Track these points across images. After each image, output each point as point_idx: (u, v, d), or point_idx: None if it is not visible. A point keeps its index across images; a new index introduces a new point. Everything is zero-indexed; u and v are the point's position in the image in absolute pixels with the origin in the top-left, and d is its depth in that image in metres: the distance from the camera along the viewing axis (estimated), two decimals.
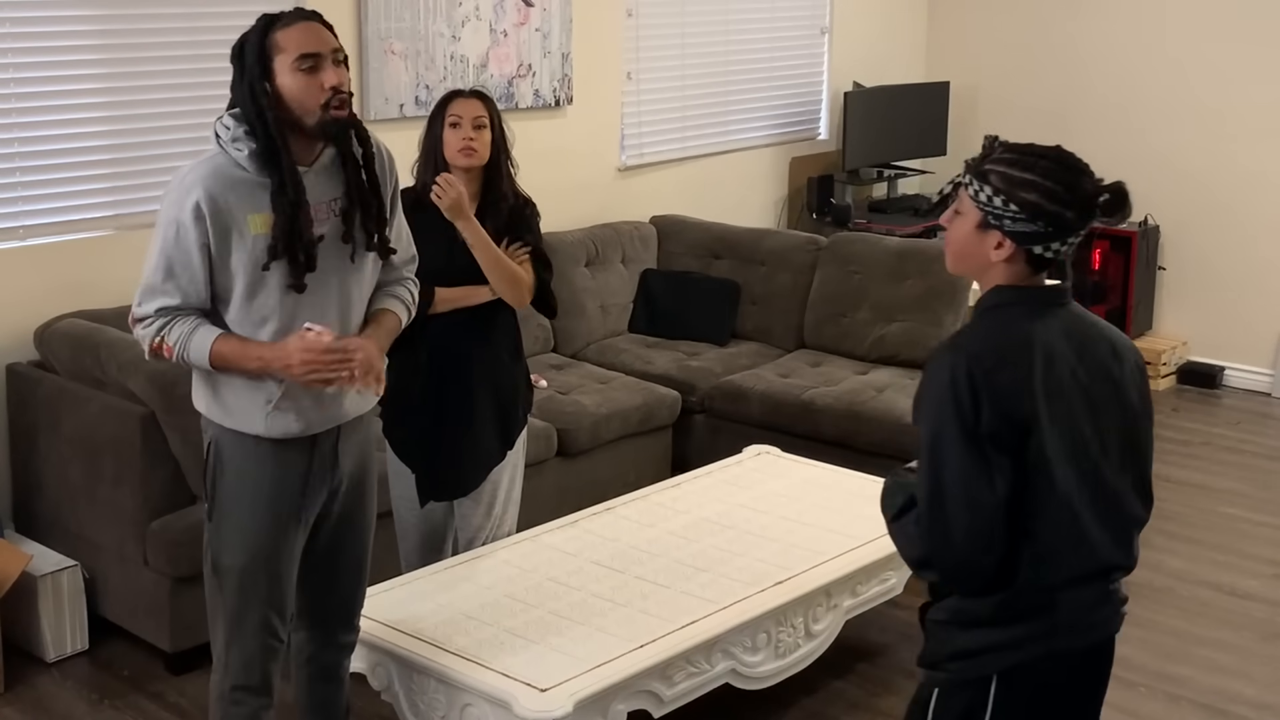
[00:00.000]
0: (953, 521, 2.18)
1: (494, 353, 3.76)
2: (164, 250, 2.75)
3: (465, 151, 3.63)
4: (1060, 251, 2.27)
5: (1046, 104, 7.29)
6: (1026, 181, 2.24)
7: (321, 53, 2.76)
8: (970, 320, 2.35)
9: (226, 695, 2.97)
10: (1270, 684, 4.08)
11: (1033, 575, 2.23)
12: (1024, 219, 2.24)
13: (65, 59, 4.37)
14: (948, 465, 2.18)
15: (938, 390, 2.20)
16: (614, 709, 3.14)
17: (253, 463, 2.88)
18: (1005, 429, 2.17)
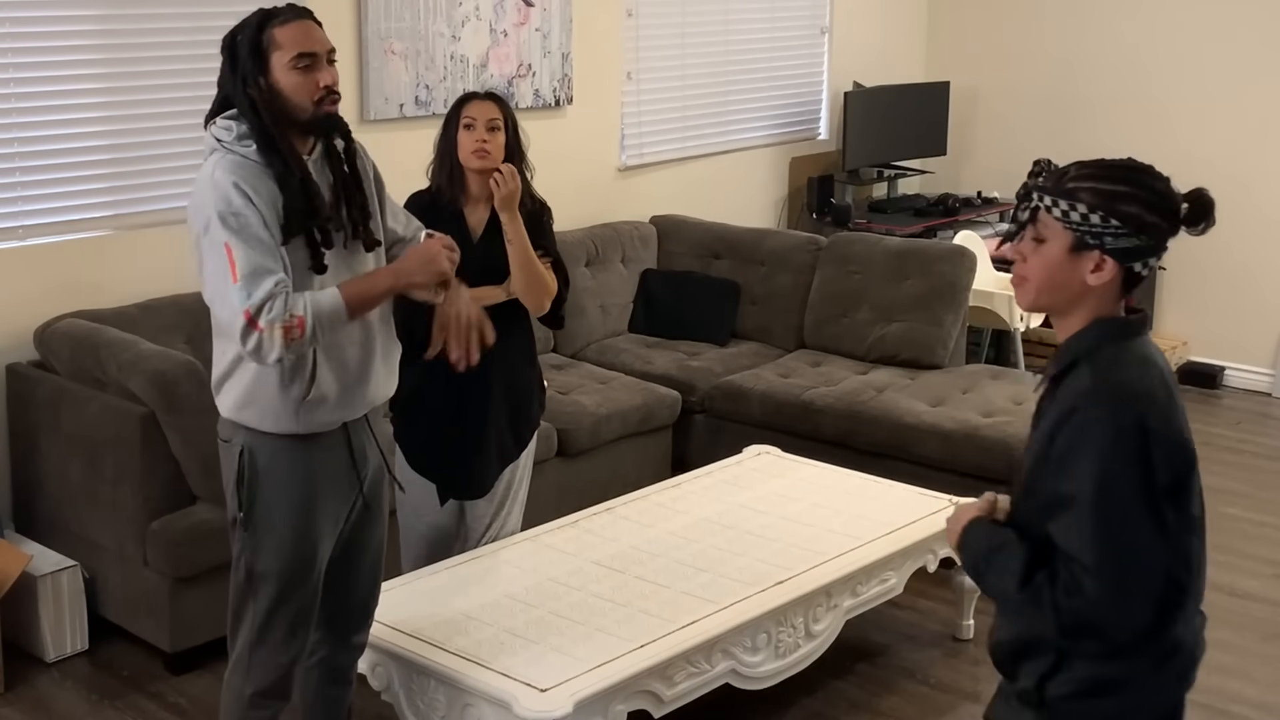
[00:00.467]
0: (1136, 591, 2.01)
1: (510, 354, 3.76)
2: (238, 238, 2.68)
3: (479, 153, 3.63)
4: (1152, 266, 2.10)
5: (1046, 104, 7.29)
6: (1123, 194, 2.08)
7: (318, 52, 2.79)
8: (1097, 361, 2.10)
9: (246, 700, 2.96)
10: (1270, 684, 4.08)
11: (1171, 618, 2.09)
12: (1126, 233, 2.07)
13: (65, 59, 4.37)
14: (1129, 532, 2.00)
15: (1102, 450, 2.00)
16: (614, 709, 3.14)
17: (289, 465, 2.87)
18: (1174, 482, 2.04)
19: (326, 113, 2.79)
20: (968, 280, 5.55)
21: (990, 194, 7.28)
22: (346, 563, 3.06)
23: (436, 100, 5.30)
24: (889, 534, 3.94)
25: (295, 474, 2.88)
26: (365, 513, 3.05)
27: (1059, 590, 2.02)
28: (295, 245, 2.76)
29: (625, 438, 5.06)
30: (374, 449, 3.04)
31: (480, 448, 3.75)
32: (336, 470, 2.93)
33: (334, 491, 2.94)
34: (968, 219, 7.00)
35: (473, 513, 3.87)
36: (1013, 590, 2.08)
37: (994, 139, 7.52)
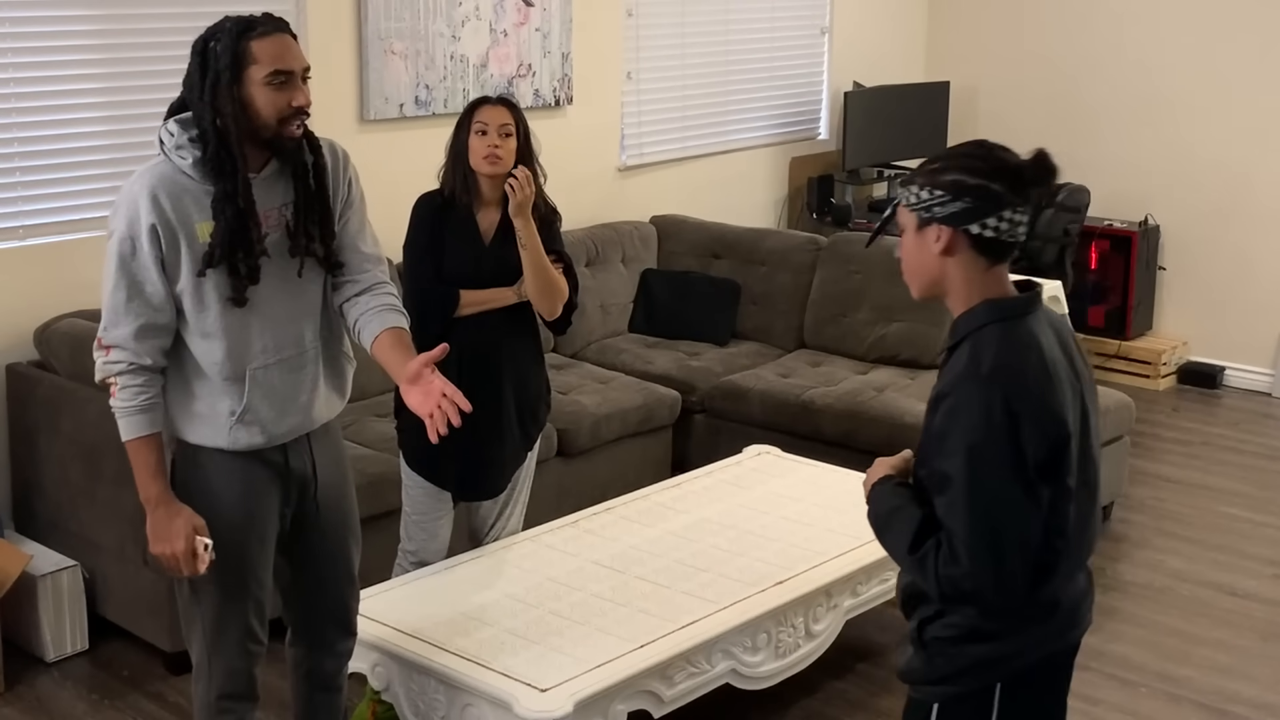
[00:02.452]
0: (1008, 563, 2.14)
1: (520, 355, 3.77)
2: (122, 268, 2.69)
3: (490, 159, 3.63)
4: (1001, 230, 2.20)
5: (1046, 104, 7.29)
6: (944, 166, 2.25)
7: (294, 70, 2.71)
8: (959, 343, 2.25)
9: (213, 705, 2.94)
10: (1270, 684, 4.08)
11: (1046, 581, 2.23)
12: (948, 198, 2.21)
13: (65, 59, 4.37)
14: (997, 504, 2.13)
15: (973, 425, 2.14)
16: (614, 709, 3.14)
17: (215, 475, 2.83)
18: (1046, 455, 2.15)
19: (289, 135, 2.71)
20: None
21: None
22: (311, 576, 3.02)
23: (436, 100, 5.30)
24: None
25: (222, 484, 2.83)
26: (323, 528, 2.98)
27: (941, 560, 2.18)
28: (219, 271, 2.70)
29: (625, 438, 5.06)
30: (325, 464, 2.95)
31: (494, 449, 3.75)
32: (268, 481, 2.87)
33: (266, 501, 2.88)
34: None
35: (477, 514, 3.88)
36: (904, 553, 2.25)
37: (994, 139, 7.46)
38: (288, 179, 2.80)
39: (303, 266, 2.81)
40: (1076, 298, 6.66)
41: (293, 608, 3.07)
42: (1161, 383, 6.86)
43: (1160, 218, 6.95)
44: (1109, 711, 3.92)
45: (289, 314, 2.82)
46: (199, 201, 2.70)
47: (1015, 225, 2.22)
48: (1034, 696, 2.31)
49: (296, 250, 2.79)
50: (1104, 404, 5.04)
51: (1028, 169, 2.22)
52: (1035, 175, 2.22)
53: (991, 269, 2.25)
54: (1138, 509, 5.37)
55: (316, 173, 2.82)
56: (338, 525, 3.03)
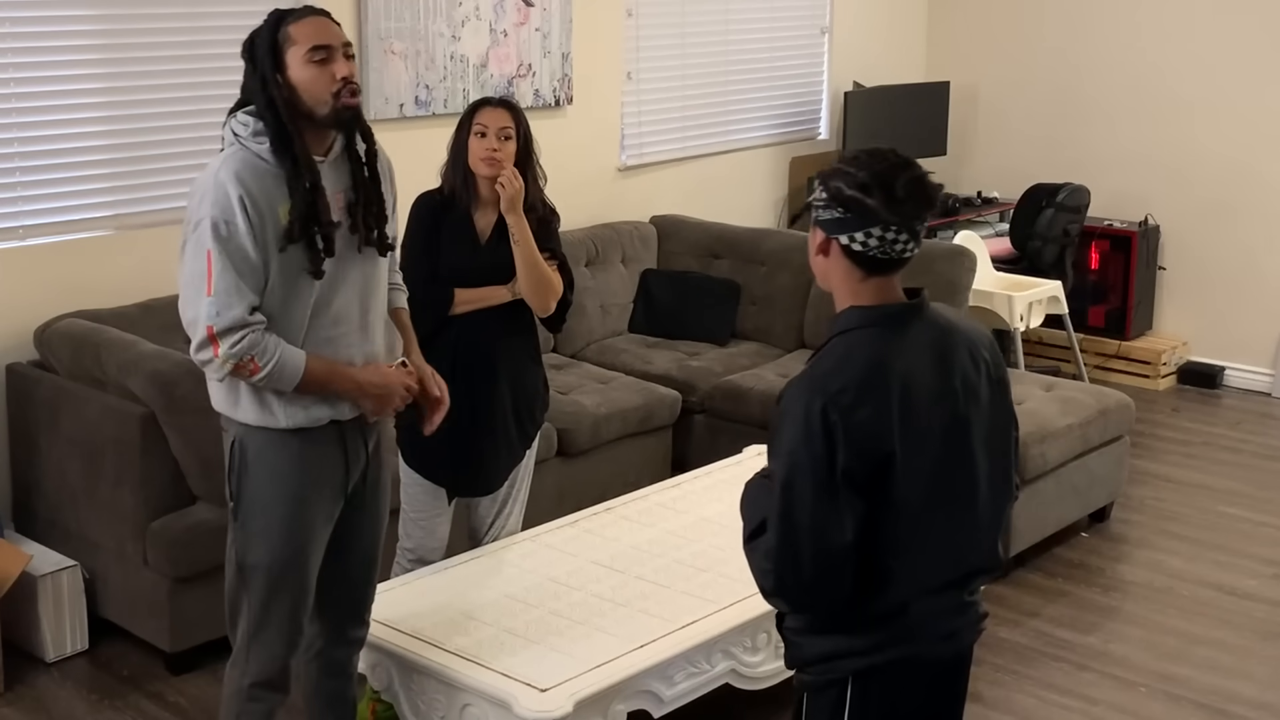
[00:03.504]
0: (804, 564, 2.15)
1: (516, 353, 3.79)
2: (222, 251, 2.72)
3: (489, 161, 3.65)
4: (870, 245, 2.18)
5: (1046, 104, 7.30)
6: (836, 170, 2.22)
7: (333, 45, 2.81)
8: (825, 344, 2.26)
9: (244, 691, 2.97)
10: (1270, 684, 4.08)
11: (881, 594, 2.22)
12: (826, 205, 2.21)
13: (65, 59, 4.37)
14: (800, 507, 2.14)
15: (793, 429, 2.15)
16: (614, 709, 3.14)
17: (279, 458, 2.88)
18: (861, 468, 2.14)
19: (346, 105, 2.80)
20: (967, 280, 5.55)
21: (990, 194, 7.28)
22: (338, 559, 3.06)
23: (436, 100, 5.30)
24: None
25: (284, 468, 2.88)
26: (359, 510, 3.05)
27: (760, 554, 2.21)
28: (296, 248, 2.78)
29: (625, 438, 5.06)
30: (373, 446, 3.05)
31: (489, 446, 3.76)
32: (327, 467, 2.94)
33: (325, 487, 2.94)
34: (967, 219, 7.01)
35: (475, 512, 3.88)
36: (743, 540, 2.28)
37: (994, 139, 7.52)
38: (346, 166, 2.90)
39: (362, 245, 2.92)
40: (1076, 298, 6.66)
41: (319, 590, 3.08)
42: (1161, 383, 6.86)
43: (1160, 218, 6.95)
44: (1109, 711, 3.92)
45: (359, 290, 2.93)
46: (279, 185, 2.78)
47: (888, 243, 2.18)
48: (893, 701, 2.29)
49: (356, 229, 2.89)
50: (1104, 404, 5.04)
51: (901, 188, 2.17)
52: (907, 195, 2.17)
53: (869, 279, 2.23)
54: (1138, 509, 5.37)
55: (370, 159, 2.93)
56: (375, 515, 3.11)
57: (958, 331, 2.32)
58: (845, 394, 2.14)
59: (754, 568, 2.25)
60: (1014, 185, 6.93)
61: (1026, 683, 4.05)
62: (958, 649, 2.36)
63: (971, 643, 2.38)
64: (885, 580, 2.21)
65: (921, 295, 2.30)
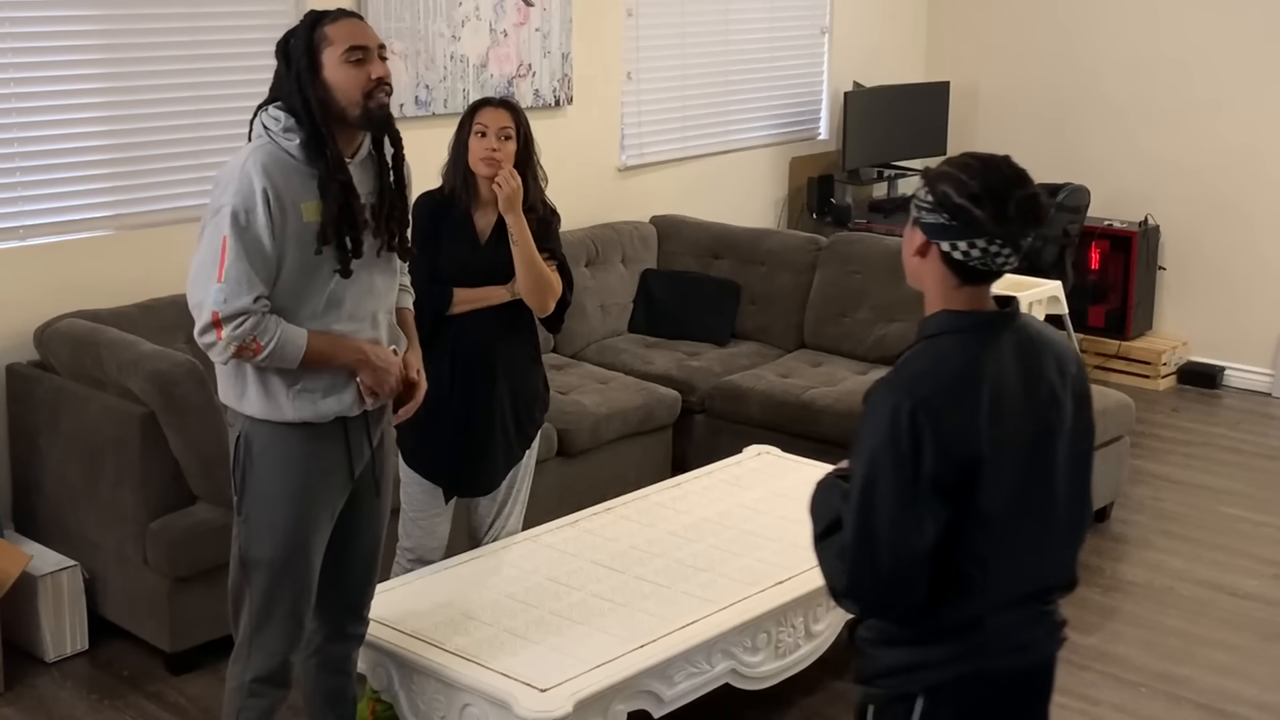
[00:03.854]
0: (880, 565, 2.12)
1: (516, 353, 3.79)
2: (238, 240, 2.74)
3: (488, 161, 3.66)
4: (972, 256, 2.14)
5: (1046, 104, 7.30)
6: (947, 174, 2.18)
7: (369, 46, 2.86)
8: (913, 347, 2.22)
9: (245, 686, 2.98)
10: (1270, 684, 4.08)
11: (960, 603, 2.19)
12: (932, 209, 2.17)
13: (65, 59, 4.37)
14: (880, 509, 2.10)
15: (878, 430, 2.12)
16: (614, 709, 3.14)
17: (284, 453, 2.89)
18: (947, 473, 2.10)
19: (379, 105, 2.84)
20: None
21: None
22: (339, 555, 3.07)
23: (436, 100, 5.30)
24: None
25: (288, 464, 2.89)
26: (361, 506, 3.06)
27: (833, 554, 2.18)
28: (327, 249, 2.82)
29: (625, 438, 5.06)
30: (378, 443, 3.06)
31: (487, 446, 3.76)
32: (331, 462, 2.95)
33: (329, 483, 2.95)
34: None
35: (475, 512, 3.88)
36: (814, 539, 2.25)
37: (994, 139, 7.51)
38: (373, 169, 2.93)
39: (382, 249, 2.95)
40: (1076, 298, 6.65)
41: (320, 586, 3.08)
42: (1161, 383, 6.86)
43: (1160, 218, 6.95)
44: (1109, 711, 3.92)
45: (374, 292, 2.95)
46: (304, 182, 2.80)
47: (990, 255, 2.15)
48: (961, 714, 2.24)
49: (379, 233, 2.92)
50: (1103, 404, 5.04)
51: (1013, 206, 2.13)
52: (1018, 213, 2.14)
53: (963, 287, 2.19)
54: (1138, 509, 5.37)
55: (397, 164, 2.97)
56: (378, 509, 3.12)
57: (1046, 343, 2.28)
58: (936, 397, 2.11)
59: (825, 567, 2.22)
60: None
61: None
62: (1035, 660, 2.30)
63: (1053, 652, 2.33)
64: (966, 589, 2.17)
65: (1014, 304, 2.26)
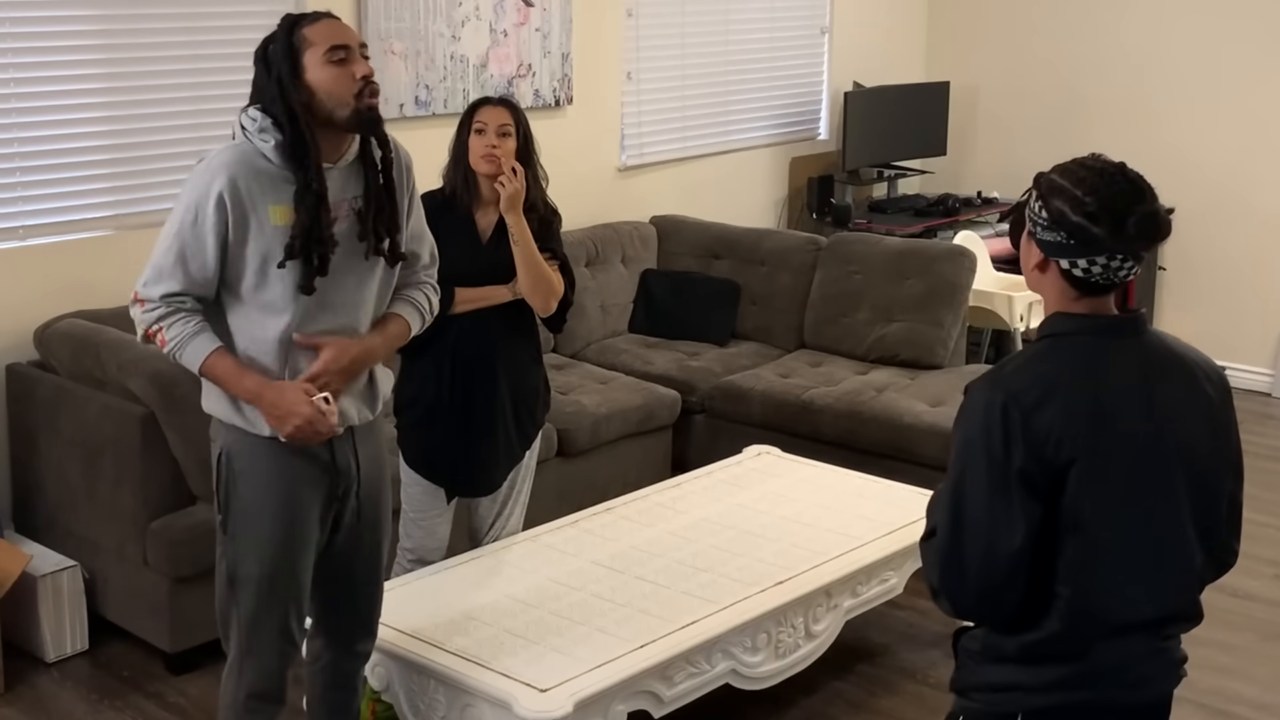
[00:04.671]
0: (969, 562, 2.09)
1: (517, 354, 3.79)
2: (179, 234, 2.73)
3: (487, 159, 3.66)
4: (1093, 272, 2.10)
5: (1046, 104, 7.29)
6: (1062, 188, 2.12)
7: (351, 45, 2.80)
8: (1024, 348, 2.19)
9: (241, 704, 2.95)
10: (1270, 684, 4.08)
11: (1066, 623, 2.12)
12: (1048, 226, 2.13)
13: (65, 59, 4.37)
14: (970, 504, 2.08)
15: (970, 424, 2.10)
16: (614, 709, 3.14)
17: (267, 467, 2.85)
18: (1039, 471, 2.06)
19: (368, 106, 2.78)
20: (968, 280, 5.56)
21: (990, 194, 7.28)
22: (341, 572, 3.03)
23: (436, 100, 5.30)
24: (889, 534, 3.94)
25: (272, 478, 2.85)
26: (357, 523, 3.00)
27: (932, 550, 2.16)
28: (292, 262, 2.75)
29: (625, 438, 5.06)
30: (367, 460, 2.99)
31: (488, 447, 3.76)
32: (316, 478, 2.89)
33: (314, 499, 2.90)
34: (968, 219, 7.00)
35: (476, 512, 3.89)
36: (920, 538, 2.23)
37: (994, 139, 7.52)
38: (359, 173, 2.86)
39: (368, 254, 2.87)
40: None
41: (317, 601, 3.07)
42: None
43: None
44: None
45: (348, 301, 2.87)
46: (275, 186, 2.74)
47: (1113, 270, 2.11)
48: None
49: (365, 237, 2.85)
50: None
51: (1132, 224, 2.07)
52: (1138, 232, 2.08)
53: (1083, 299, 2.15)
54: None
55: (385, 166, 2.88)
56: (374, 526, 3.05)
57: (1180, 359, 2.21)
58: (1029, 393, 2.07)
59: (925, 564, 2.20)
60: (1014, 185, 6.88)
61: None
62: (1149, 697, 2.23)
63: (1170, 690, 2.25)
64: (1047, 609, 2.12)
65: (1138, 313, 2.21)
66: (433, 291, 3.10)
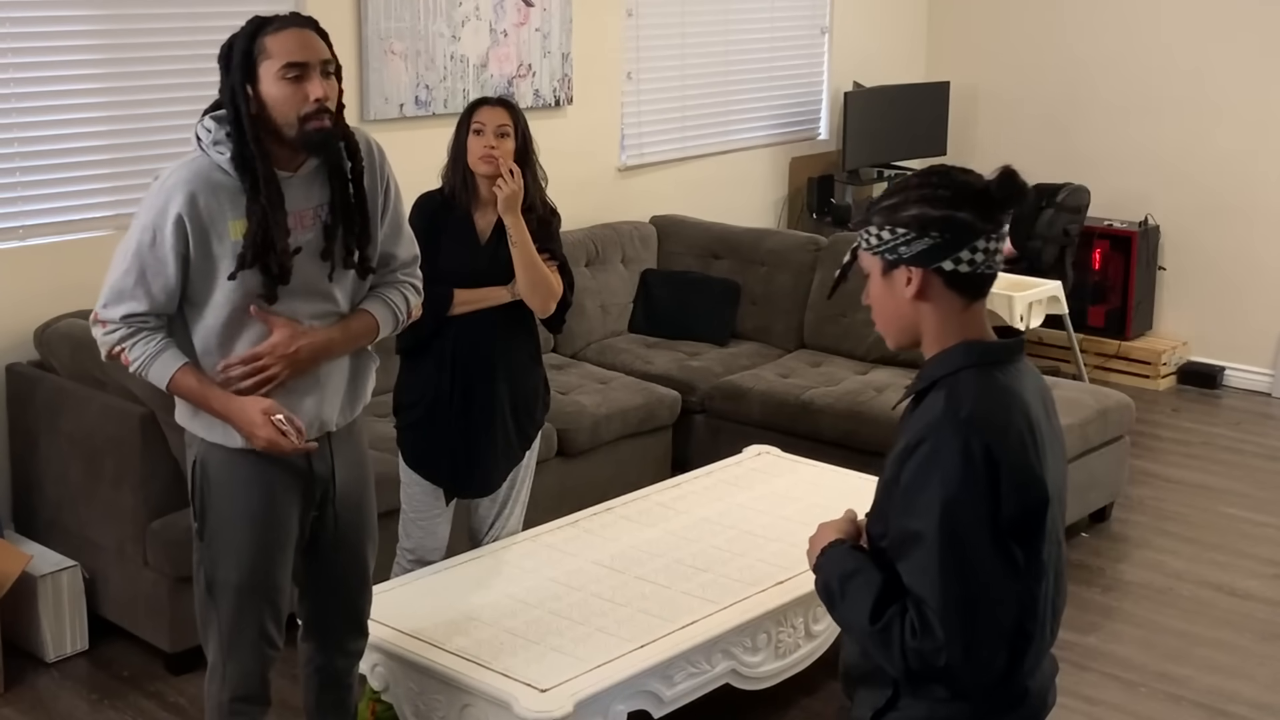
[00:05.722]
0: (985, 634, 1.91)
1: (516, 354, 3.79)
2: (138, 254, 2.69)
3: (486, 159, 3.66)
4: (977, 262, 2.00)
5: (1046, 104, 7.30)
6: (904, 201, 2.02)
7: (309, 62, 2.67)
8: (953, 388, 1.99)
9: (225, 706, 2.94)
10: (1270, 684, 4.08)
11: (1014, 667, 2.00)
12: (914, 236, 1.99)
13: (65, 59, 4.37)
14: (976, 565, 1.90)
15: (950, 474, 1.91)
16: (614, 709, 3.14)
17: (239, 477, 2.82)
18: (1020, 516, 1.93)
19: (315, 129, 2.66)
20: None
21: None
22: (327, 574, 3.02)
23: (436, 100, 5.31)
24: None
25: (246, 487, 2.83)
26: (341, 529, 2.98)
27: (907, 630, 1.93)
28: (251, 271, 2.70)
29: (625, 438, 5.06)
30: (345, 465, 2.95)
31: (487, 447, 3.76)
32: (291, 484, 2.87)
33: (289, 505, 2.88)
34: None
35: (476, 513, 3.89)
36: (864, 624, 1.99)
37: (994, 139, 7.52)
38: (324, 180, 2.78)
39: (334, 270, 2.81)
40: (1076, 298, 6.65)
41: (306, 604, 3.08)
42: (1161, 383, 6.86)
43: (1160, 218, 6.95)
44: (1109, 711, 3.92)
45: (314, 312, 2.82)
46: (234, 199, 2.68)
47: (991, 255, 2.02)
48: None
49: (329, 255, 2.78)
50: (1104, 404, 5.05)
51: (995, 189, 1.99)
52: (1004, 195, 2.00)
53: (970, 307, 2.04)
54: (1138, 509, 5.37)
55: (355, 176, 2.80)
56: (356, 527, 3.03)
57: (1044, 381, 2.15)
58: (1006, 432, 1.94)
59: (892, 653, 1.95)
60: None
61: None
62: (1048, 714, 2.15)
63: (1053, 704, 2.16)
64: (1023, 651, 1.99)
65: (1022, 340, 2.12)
66: (412, 292, 3.00)
